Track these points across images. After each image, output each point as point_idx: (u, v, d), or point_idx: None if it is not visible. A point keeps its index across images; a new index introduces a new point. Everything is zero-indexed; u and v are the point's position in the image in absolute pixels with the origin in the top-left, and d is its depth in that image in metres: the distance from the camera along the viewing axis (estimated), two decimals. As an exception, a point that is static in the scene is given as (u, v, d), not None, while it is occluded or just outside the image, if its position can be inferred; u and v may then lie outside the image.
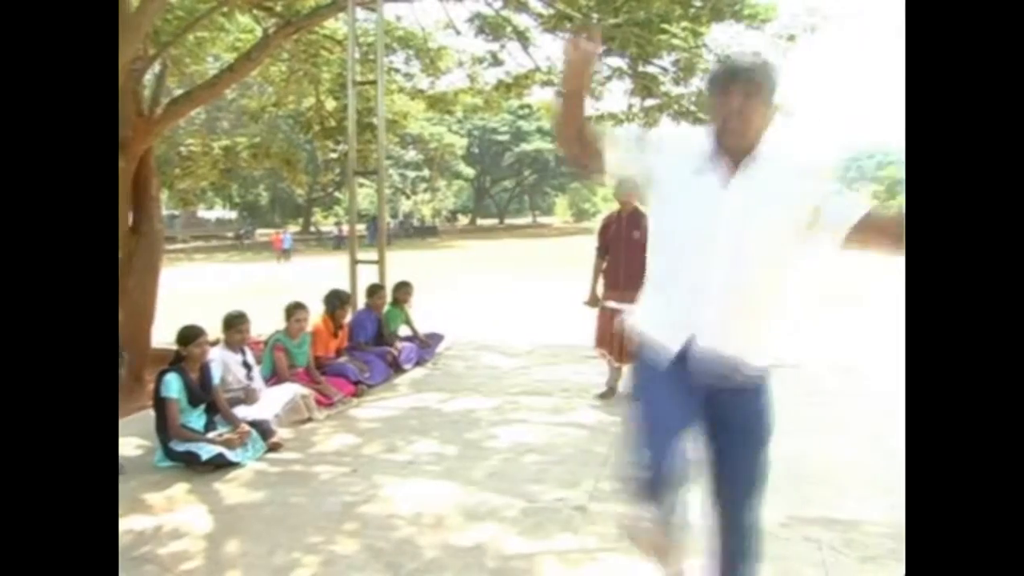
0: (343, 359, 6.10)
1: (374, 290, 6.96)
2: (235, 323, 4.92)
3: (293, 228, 40.83)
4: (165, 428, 4.09)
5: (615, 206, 5.65)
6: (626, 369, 2.74)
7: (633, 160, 2.04)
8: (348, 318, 6.61)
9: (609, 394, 5.49)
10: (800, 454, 4.13)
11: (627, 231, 5.25)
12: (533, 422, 4.93)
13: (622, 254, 5.28)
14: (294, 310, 5.51)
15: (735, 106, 1.83)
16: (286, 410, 4.88)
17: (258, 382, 5.00)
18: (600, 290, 5.52)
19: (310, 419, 4.99)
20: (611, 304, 5.23)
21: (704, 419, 2.00)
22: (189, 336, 4.26)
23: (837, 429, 4.66)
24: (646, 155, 2.01)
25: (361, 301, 7.09)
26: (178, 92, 7.73)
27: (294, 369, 5.45)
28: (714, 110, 1.90)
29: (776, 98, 1.90)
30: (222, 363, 4.63)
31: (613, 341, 5.24)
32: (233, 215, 49.92)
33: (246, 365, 4.92)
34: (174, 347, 4.34)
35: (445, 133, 39.83)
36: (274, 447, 4.36)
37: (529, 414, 5.14)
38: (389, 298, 7.17)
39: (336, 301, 6.22)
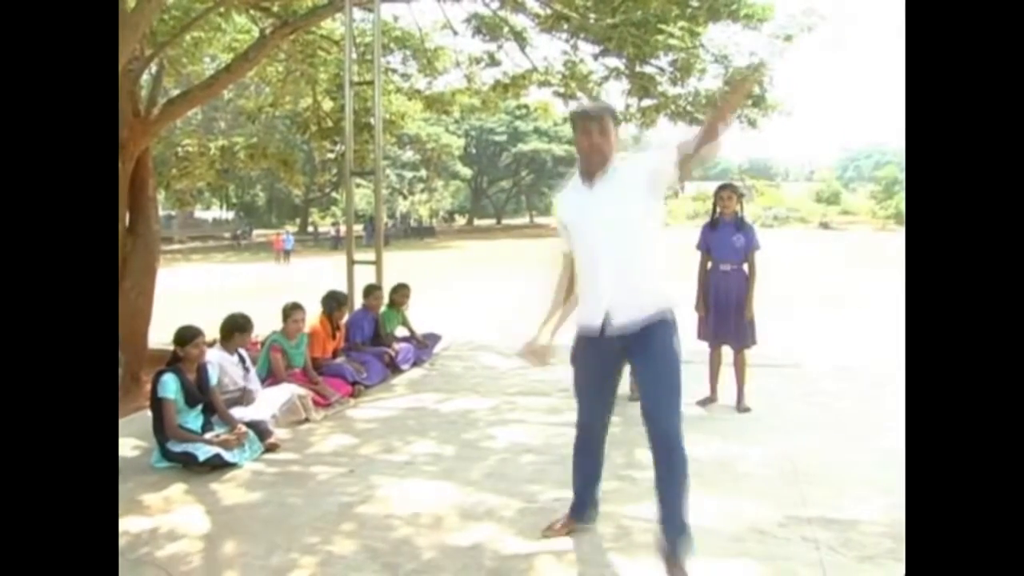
0: (340, 360, 6.09)
1: (371, 290, 6.94)
2: (247, 327, 4.88)
3: (290, 228, 40.79)
4: (162, 429, 4.08)
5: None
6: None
7: (564, 236, 2.87)
8: (345, 319, 6.60)
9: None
10: (798, 454, 4.13)
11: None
12: (530, 422, 4.93)
13: None
14: (291, 311, 5.50)
15: (586, 140, 2.66)
16: (283, 411, 4.87)
17: (255, 383, 4.99)
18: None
19: (307, 420, 4.99)
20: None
21: (629, 360, 2.78)
22: (186, 336, 4.25)
23: (835, 429, 4.66)
24: (561, 224, 2.86)
25: (359, 301, 7.08)
26: (175, 92, 7.72)
27: (291, 370, 5.44)
28: (576, 144, 2.72)
29: (615, 129, 2.68)
30: (218, 365, 4.62)
31: None
32: (230, 215, 49.91)
33: (242, 364, 4.90)
34: (171, 348, 4.34)
35: (442, 133, 39.80)
36: (271, 448, 4.36)
37: (526, 414, 5.13)
38: (386, 299, 7.16)
39: (333, 303, 6.22)
